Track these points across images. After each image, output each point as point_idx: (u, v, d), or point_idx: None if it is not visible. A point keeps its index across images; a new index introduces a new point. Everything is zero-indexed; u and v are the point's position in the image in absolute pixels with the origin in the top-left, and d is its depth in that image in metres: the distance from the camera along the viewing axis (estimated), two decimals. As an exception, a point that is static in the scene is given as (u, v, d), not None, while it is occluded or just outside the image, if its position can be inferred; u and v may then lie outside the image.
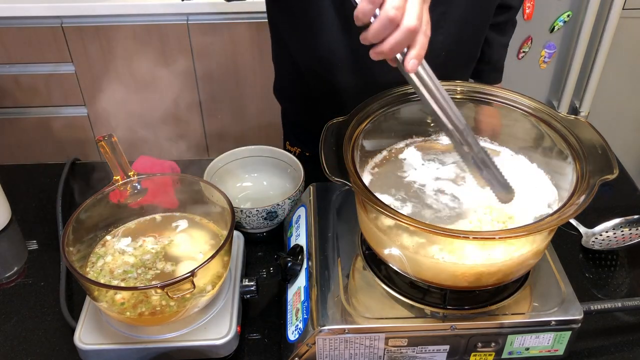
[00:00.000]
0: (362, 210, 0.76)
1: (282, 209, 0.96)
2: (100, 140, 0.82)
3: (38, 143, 2.10)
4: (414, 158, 0.87)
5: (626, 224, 0.97)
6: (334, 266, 0.81)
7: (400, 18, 0.62)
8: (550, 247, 0.84)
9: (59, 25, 1.85)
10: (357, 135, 0.78)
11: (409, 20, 0.62)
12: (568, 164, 0.76)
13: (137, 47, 1.91)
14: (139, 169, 0.99)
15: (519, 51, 1.97)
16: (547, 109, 0.82)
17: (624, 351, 0.82)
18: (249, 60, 1.96)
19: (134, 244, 0.84)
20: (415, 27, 0.63)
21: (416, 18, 0.62)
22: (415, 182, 0.83)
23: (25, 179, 1.14)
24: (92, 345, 0.76)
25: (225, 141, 2.16)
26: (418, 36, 0.64)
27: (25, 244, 1.01)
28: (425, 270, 0.72)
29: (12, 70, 1.94)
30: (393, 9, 0.61)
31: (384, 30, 0.63)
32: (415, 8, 0.63)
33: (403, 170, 0.85)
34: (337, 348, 0.75)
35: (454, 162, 0.86)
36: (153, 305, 0.74)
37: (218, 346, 0.76)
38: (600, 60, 1.97)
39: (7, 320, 0.86)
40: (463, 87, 0.86)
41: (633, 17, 1.94)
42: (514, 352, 0.78)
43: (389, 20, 0.62)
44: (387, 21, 0.62)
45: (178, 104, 2.06)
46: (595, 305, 0.79)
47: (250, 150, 1.06)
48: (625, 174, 1.12)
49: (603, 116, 2.14)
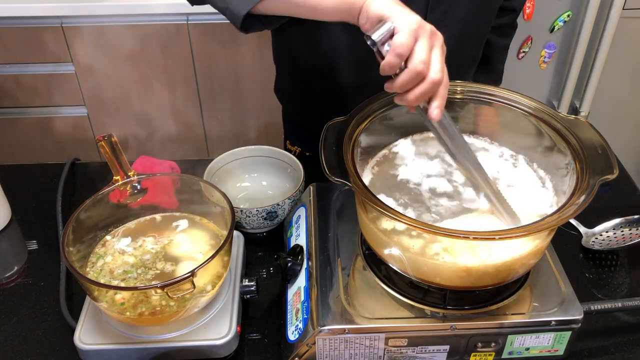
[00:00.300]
0: (362, 210, 0.76)
1: (282, 209, 0.96)
2: (100, 140, 0.82)
3: (38, 143, 2.10)
4: (407, 152, 0.88)
5: (626, 224, 0.97)
6: (334, 266, 0.81)
7: (427, 72, 0.66)
8: (550, 247, 0.84)
9: (59, 25, 1.85)
10: (357, 135, 0.78)
11: (434, 74, 0.66)
12: (568, 164, 0.76)
13: (137, 47, 1.91)
14: (139, 169, 0.99)
15: (519, 51, 1.97)
16: (547, 109, 0.82)
17: (624, 351, 0.82)
18: (249, 60, 1.96)
19: (134, 244, 0.84)
20: (439, 80, 0.67)
21: (440, 71, 0.67)
22: (408, 180, 0.83)
23: (25, 179, 1.14)
24: (92, 345, 0.76)
25: (225, 141, 2.16)
26: (441, 87, 0.68)
27: (25, 244, 1.01)
28: (425, 270, 0.72)
29: (12, 70, 1.94)
30: (421, 63, 0.65)
31: (411, 82, 0.67)
32: (438, 61, 0.67)
33: (399, 166, 0.86)
34: (337, 348, 0.75)
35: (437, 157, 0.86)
36: (153, 305, 0.74)
37: (218, 346, 0.76)
38: (600, 60, 1.96)
39: (7, 320, 0.86)
40: (463, 87, 0.86)
41: (633, 17, 1.94)
42: (514, 352, 0.78)
43: (417, 73, 0.66)
44: (415, 74, 0.66)
45: (178, 103, 2.06)
46: (595, 305, 0.79)
47: (250, 150, 1.06)
48: (625, 174, 1.12)
49: (603, 116, 2.14)
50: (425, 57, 0.65)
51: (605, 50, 1.94)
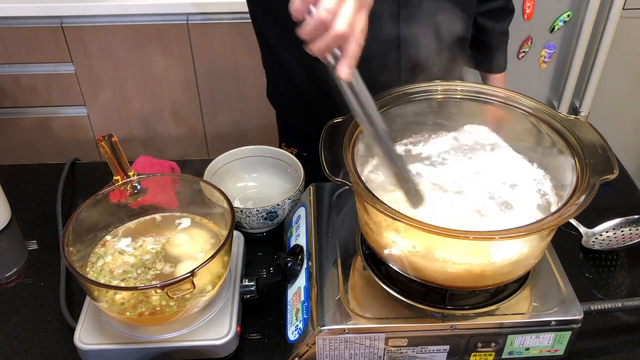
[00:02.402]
0: (362, 210, 0.76)
1: (282, 209, 0.96)
2: (100, 140, 0.82)
3: (38, 143, 2.10)
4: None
5: (626, 224, 0.97)
6: (334, 266, 0.81)
7: (330, 21, 0.61)
8: (550, 247, 0.84)
9: (59, 25, 1.85)
10: (357, 135, 0.78)
11: (339, 26, 0.60)
12: (568, 163, 0.76)
13: (137, 47, 1.91)
14: (139, 169, 0.99)
15: (519, 51, 1.97)
16: (547, 108, 0.82)
17: (624, 351, 0.82)
18: (249, 60, 1.96)
19: (133, 244, 0.84)
20: (343, 33, 0.61)
21: (347, 24, 0.61)
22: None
23: (25, 179, 1.14)
24: (92, 345, 0.76)
25: (225, 141, 2.16)
26: (349, 44, 0.62)
27: (25, 244, 1.01)
28: (425, 270, 0.72)
29: (12, 70, 1.94)
30: (325, 10, 0.60)
31: (315, 31, 0.62)
32: (347, 13, 0.61)
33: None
34: (337, 348, 0.75)
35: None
36: (153, 305, 0.74)
37: (218, 346, 0.76)
38: (600, 60, 1.96)
39: (7, 320, 0.86)
40: (463, 87, 0.86)
41: (633, 17, 1.94)
42: (514, 352, 0.78)
43: (319, 22, 0.60)
44: (318, 23, 0.60)
45: (178, 104, 2.06)
46: (595, 305, 0.79)
47: (250, 150, 1.06)
48: (625, 174, 1.12)
49: (603, 116, 2.14)
50: (331, 5, 0.60)
51: (605, 50, 1.94)
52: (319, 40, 0.62)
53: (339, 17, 0.61)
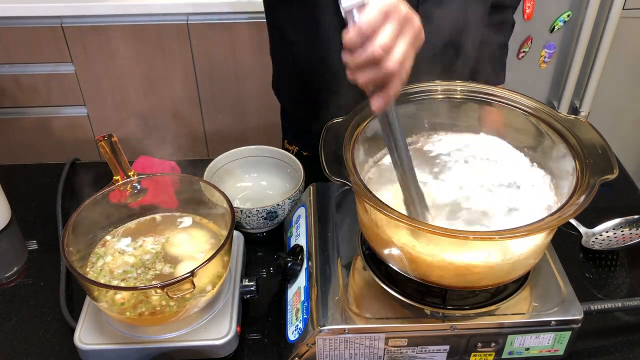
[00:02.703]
0: (362, 210, 0.76)
1: (282, 209, 0.96)
2: (100, 140, 0.82)
3: (38, 143, 2.10)
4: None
5: (626, 224, 0.97)
6: (334, 266, 0.81)
7: (384, 59, 0.61)
8: (550, 247, 0.84)
9: (59, 25, 1.85)
10: (357, 135, 0.78)
11: (391, 64, 0.61)
12: (568, 164, 0.76)
13: (137, 47, 1.91)
14: (139, 169, 0.99)
15: (519, 51, 1.97)
16: (547, 109, 0.82)
17: (624, 351, 0.82)
18: (249, 60, 1.96)
19: (133, 244, 0.84)
20: (394, 71, 0.61)
21: (399, 62, 0.61)
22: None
23: (25, 179, 1.14)
24: (92, 345, 0.76)
25: (225, 141, 2.15)
26: (394, 81, 0.63)
27: (25, 244, 1.01)
28: (426, 269, 0.72)
29: (12, 70, 1.94)
30: (380, 48, 0.60)
31: (365, 64, 0.62)
32: (400, 52, 0.61)
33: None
34: (337, 348, 0.75)
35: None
36: (153, 305, 0.74)
37: (218, 346, 0.76)
38: (600, 60, 1.97)
39: (7, 320, 0.86)
40: (463, 87, 0.86)
41: (633, 17, 1.94)
42: (514, 352, 0.78)
43: (372, 57, 0.60)
44: (371, 58, 0.60)
45: (178, 104, 2.06)
46: (595, 305, 0.79)
47: (250, 150, 1.06)
48: (625, 174, 1.12)
49: (603, 116, 2.14)
50: (387, 42, 0.60)
51: (605, 50, 1.94)
52: (367, 72, 0.62)
53: (392, 55, 0.61)
